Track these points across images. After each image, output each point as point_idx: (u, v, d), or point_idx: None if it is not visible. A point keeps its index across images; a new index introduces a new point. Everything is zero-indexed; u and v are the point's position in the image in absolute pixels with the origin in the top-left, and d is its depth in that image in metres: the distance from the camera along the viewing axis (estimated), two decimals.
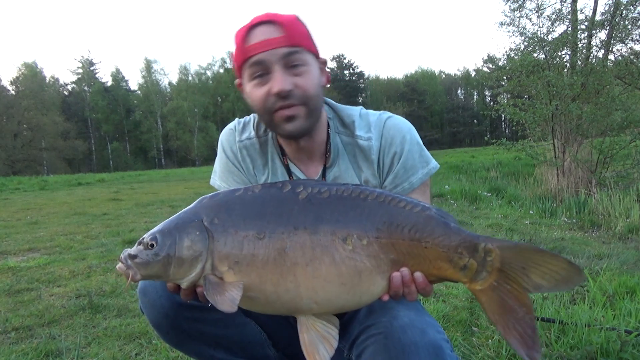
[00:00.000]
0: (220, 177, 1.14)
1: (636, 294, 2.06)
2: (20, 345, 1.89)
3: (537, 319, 1.62)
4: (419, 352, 0.82)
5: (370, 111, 1.10)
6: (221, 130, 1.16)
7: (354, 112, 1.08)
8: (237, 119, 1.15)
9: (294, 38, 0.93)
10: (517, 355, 1.52)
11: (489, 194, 6.50)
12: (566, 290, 1.92)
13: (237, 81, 1.03)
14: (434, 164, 1.05)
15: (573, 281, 0.75)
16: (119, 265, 0.80)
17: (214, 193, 0.86)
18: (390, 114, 1.09)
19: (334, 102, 1.11)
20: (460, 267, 0.78)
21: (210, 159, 47.46)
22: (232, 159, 1.11)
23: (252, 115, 1.14)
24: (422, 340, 0.83)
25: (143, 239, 0.81)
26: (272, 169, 1.10)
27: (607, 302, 1.93)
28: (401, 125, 1.05)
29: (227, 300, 0.75)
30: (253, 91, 0.96)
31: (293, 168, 1.08)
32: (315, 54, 0.99)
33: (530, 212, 5.16)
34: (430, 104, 57.30)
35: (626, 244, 3.58)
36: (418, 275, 0.80)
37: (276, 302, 0.79)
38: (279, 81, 0.92)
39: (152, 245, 0.78)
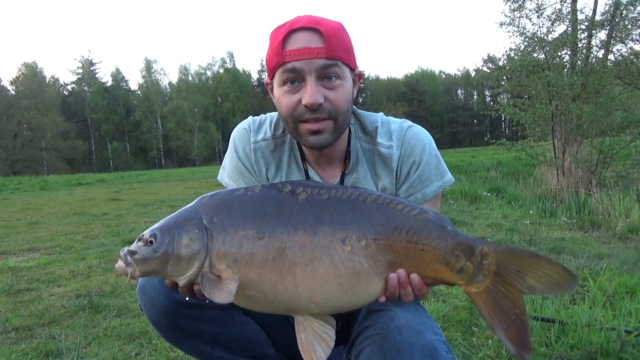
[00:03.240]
0: (229, 175, 1.12)
1: (636, 294, 2.07)
2: (21, 345, 1.89)
3: (537, 319, 1.62)
4: (413, 353, 0.81)
5: (391, 119, 1.09)
6: (221, 130, 1.15)
7: (376, 119, 1.08)
8: (251, 118, 1.13)
9: (334, 50, 0.90)
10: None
11: (489, 194, 6.52)
12: (559, 294, 1.94)
13: (265, 80, 1.02)
14: (448, 177, 1.06)
15: (567, 286, 0.76)
16: (118, 263, 0.81)
17: (214, 192, 0.86)
18: (410, 123, 1.09)
19: (355, 107, 1.09)
20: (457, 270, 0.79)
21: (210, 159, 47.48)
22: (243, 160, 1.09)
23: (268, 115, 1.12)
24: (417, 341, 0.83)
25: (143, 235, 0.81)
26: (288, 172, 1.08)
27: (607, 302, 1.92)
28: (422, 136, 1.05)
29: (224, 292, 0.75)
30: (282, 97, 0.95)
31: (311, 172, 1.07)
32: (352, 67, 0.97)
33: (530, 212, 5.17)
34: (430, 104, 57.39)
35: (626, 244, 3.59)
36: (414, 277, 0.81)
37: (274, 301, 0.79)
38: (311, 94, 0.90)
39: (151, 242, 0.79)
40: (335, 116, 0.94)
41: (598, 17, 7.82)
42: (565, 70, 7.77)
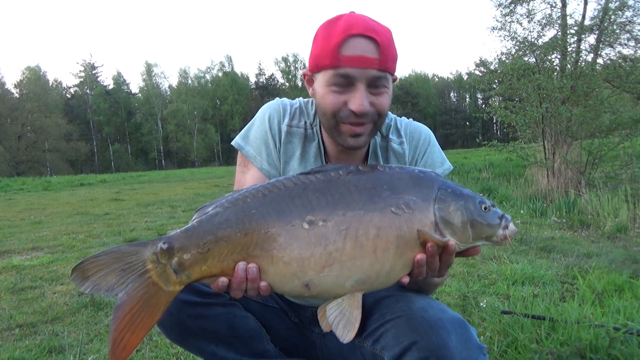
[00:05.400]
0: (252, 144, 1.08)
1: (624, 292, 2.10)
2: (24, 341, 1.90)
3: (528, 316, 1.65)
4: (445, 325, 0.83)
5: (394, 115, 1.14)
6: (220, 133, 1.14)
7: (388, 116, 1.11)
8: (286, 100, 1.13)
9: (386, 62, 0.93)
10: (508, 352, 1.59)
11: (481, 194, 6.61)
12: None
13: (304, 71, 1.02)
14: (448, 164, 1.12)
15: None
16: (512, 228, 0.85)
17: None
18: (409, 119, 1.16)
19: None
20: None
21: (209, 160, 47.56)
22: (274, 133, 1.07)
23: (299, 102, 1.12)
24: (445, 316, 0.85)
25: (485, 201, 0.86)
26: (311, 163, 1.08)
27: (596, 300, 1.94)
28: (423, 128, 1.13)
29: None
30: (327, 95, 0.95)
31: None
32: (393, 74, 0.99)
33: (521, 212, 5.22)
34: (424, 106, 57.27)
35: (614, 243, 3.62)
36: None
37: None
38: (361, 102, 0.92)
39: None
40: (376, 120, 0.97)
41: (587, 22, 7.90)
42: (555, 73, 7.85)
